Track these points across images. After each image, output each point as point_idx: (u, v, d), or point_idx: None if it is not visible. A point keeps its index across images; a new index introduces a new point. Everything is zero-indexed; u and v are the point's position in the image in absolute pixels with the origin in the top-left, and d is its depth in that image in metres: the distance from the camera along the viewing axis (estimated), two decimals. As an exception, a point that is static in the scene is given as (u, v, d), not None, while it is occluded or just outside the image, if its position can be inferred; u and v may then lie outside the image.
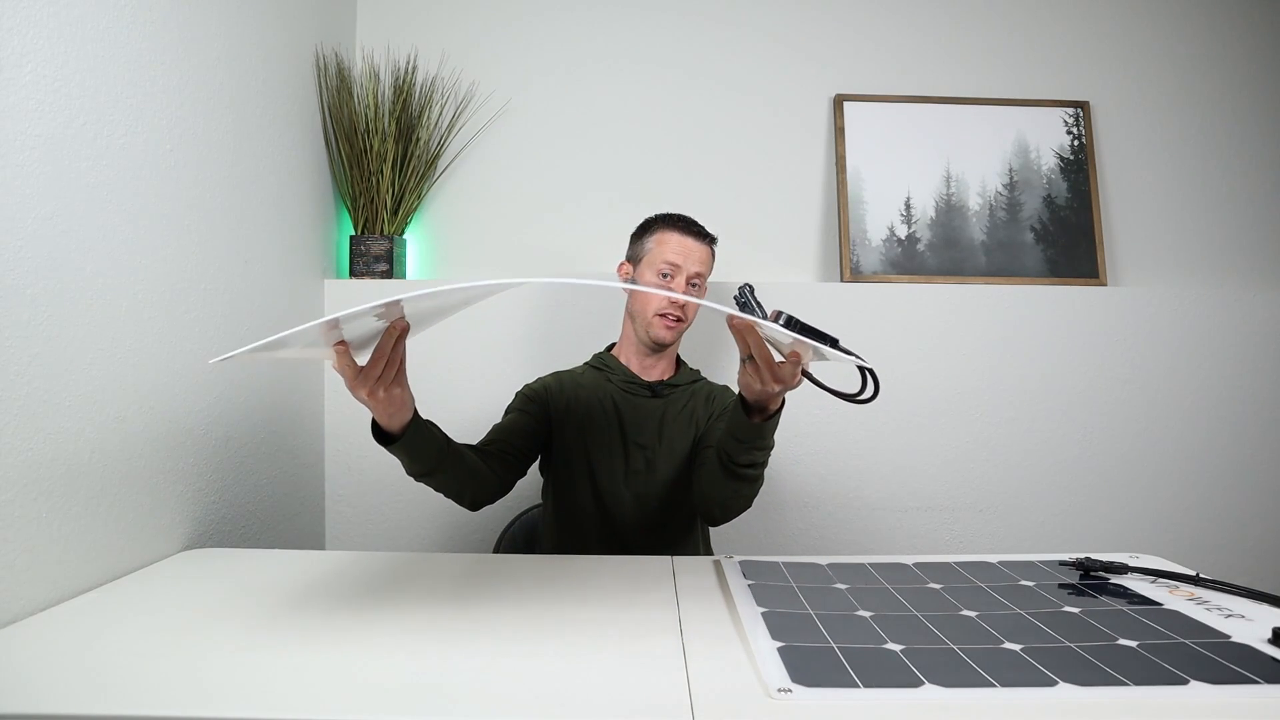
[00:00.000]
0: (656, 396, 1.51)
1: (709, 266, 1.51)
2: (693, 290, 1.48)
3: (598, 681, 0.76)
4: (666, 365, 1.56)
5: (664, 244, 1.49)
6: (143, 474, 1.18)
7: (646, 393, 1.51)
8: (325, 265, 1.86)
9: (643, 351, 1.53)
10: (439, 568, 1.14)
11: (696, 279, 1.48)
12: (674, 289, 1.45)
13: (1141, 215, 2.08)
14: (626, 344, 1.56)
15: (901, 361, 1.92)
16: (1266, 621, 0.90)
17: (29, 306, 0.96)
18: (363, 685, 0.75)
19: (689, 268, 1.47)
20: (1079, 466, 1.93)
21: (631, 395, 1.51)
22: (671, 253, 1.47)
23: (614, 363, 1.55)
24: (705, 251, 1.50)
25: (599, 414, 1.49)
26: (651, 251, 1.50)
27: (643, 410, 1.50)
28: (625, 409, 1.50)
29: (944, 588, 1.05)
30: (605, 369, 1.55)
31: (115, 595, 0.99)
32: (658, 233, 1.51)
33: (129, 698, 0.72)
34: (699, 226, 1.51)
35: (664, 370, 1.55)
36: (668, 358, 1.56)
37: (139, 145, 1.17)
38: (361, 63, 1.99)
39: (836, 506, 1.91)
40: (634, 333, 1.53)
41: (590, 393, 1.51)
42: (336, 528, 1.86)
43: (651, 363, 1.54)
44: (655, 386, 1.52)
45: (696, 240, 1.49)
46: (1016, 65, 2.09)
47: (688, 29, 2.07)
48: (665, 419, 1.49)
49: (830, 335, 0.93)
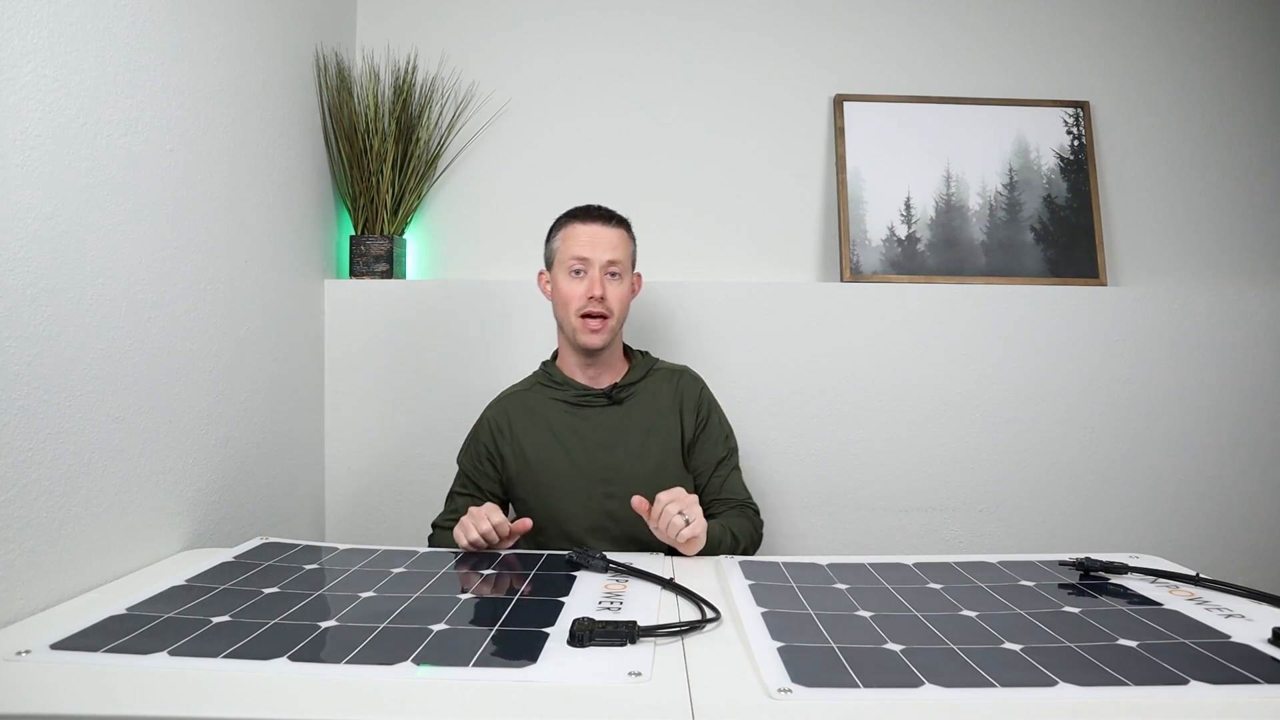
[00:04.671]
0: (614, 404, 1.42)
1: (626, 251, 1.41)
2: (611, 280, 1.38)
3: (598, 681, 0.76)
4: (618, 364, 1.46)
5: (569, 239, 1.39)
6: (143, 474, 1.18)
7: (604, 401, 1.42)
8: (325, 265, 1.86)
9: (583, 361, 1.43)
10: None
11: (613, 267, 1.38)
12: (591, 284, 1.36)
13: (1141, 215, 2.08)
14: (566, 355, 1.46)
15: (901, 361, 1.91)
16: (1266, 621, 0.90)
17: (29, 306, 0.96)
18: (363, 685, 0.75)
19: (600, 256, 1.36)
20: (1079, 466, 1.93)
21: (587, 408, 1.42)
22: (578, 245, 1.37)
23: (560, 375, 1.45)
24: (616, 235, 1.39)
25: (551, 451, 1.40)
26: (559, 250, 1.41)
27: (601, 425, 1.41)
28: (582, 429, 1.41)
29: (944, 588, 1.05)
30: (553, 385, 1.45)
31: (115, 595, 0.99)
32: (562, 229, 1.42)
33: (129, 698, 0.72)
34: (604, 211, 1.41)
35: (617, 370, 1.46)
36: (613, 358, 1.45)
37: (139, 145, 1.17)
38: (361, 63, 1.99)
39: (836, 506, 1.91)
40: (567, 342, 1.43)
41: (540, 422, 1.42)
42: (336, 528, 1.86)
43: (596, 371, 1.44)
44: (610, 393, 1.42)
45: (602, 225, 1.39)
46: (1016, 65, 2.09)
47: (687, 29, 2.07)
48: (628, 427, 1.41)
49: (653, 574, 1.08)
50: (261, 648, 0.82)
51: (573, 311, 1.37)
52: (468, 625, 0.90)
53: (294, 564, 1.14)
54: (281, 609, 0.94)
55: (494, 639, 0.85)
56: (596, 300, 1.36)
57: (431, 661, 0.79)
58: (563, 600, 0.98)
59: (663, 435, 1.43)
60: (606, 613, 0.93)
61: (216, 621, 0.89)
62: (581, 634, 0.83)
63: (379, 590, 1.02)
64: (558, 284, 1.40)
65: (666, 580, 1.05)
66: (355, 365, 1.86)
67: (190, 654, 0.80)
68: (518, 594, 1.01)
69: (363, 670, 0.77)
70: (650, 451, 1.41)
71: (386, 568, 1.12)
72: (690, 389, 1.47)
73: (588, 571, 1.10)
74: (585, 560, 1.11)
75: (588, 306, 1.36)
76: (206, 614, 0.92)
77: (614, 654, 0.81)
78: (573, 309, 1.37)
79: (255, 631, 0.86)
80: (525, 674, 0.76)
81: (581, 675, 0.76)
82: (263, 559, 1.16)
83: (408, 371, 1.87)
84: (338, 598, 0.99)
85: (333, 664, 0.78)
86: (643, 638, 0.84)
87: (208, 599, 0.98)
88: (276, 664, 0.78)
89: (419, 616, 0.92)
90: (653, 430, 1.42)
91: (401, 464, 1.87)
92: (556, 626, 0.88)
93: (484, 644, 0.83)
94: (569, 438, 1.41)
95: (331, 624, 0.89)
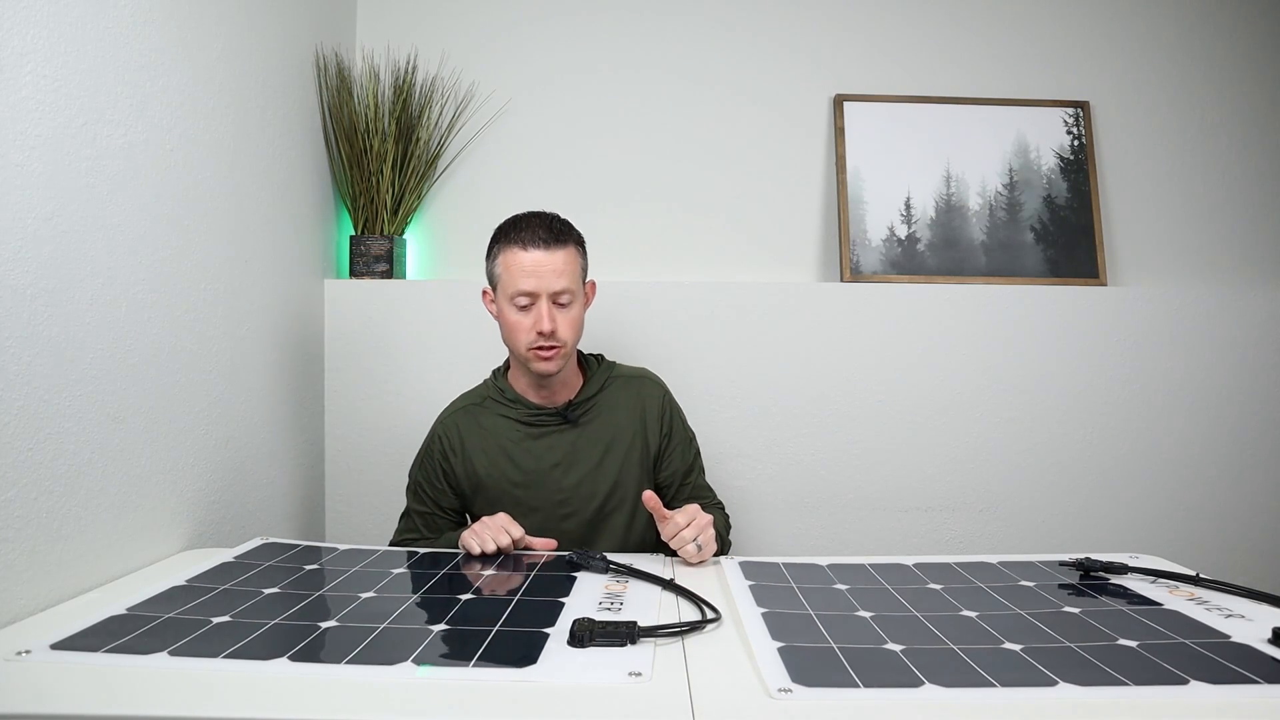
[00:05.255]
0: (569, 424, 1.36)
1: (575, 272, 1.29)
2: (561, 310, 1.27)
3: (599, 681, 0.76)
4: (573, 380, 1.38)
5: (511, 267, 1.27)
6: (143, 474, 1.18)
7: (556, 421, 1.35)
8: (325, 265, 1.86)
9: (534, 381, 1.35)
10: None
11: (562, 296, 1.27)
12: (539, 318, 1.26)
13: (1141, 215, 2.08)
14: (517, 373, 1.37)
15: (901, 361, 1.91)
16: (1266, 621, 0.90)
17: (29, 306, 0.96)
18: (363, 685, 0.75)
19: (547, 286, 1.25)
20: (1079, 466, 1.93)
21: (540, 428, 1.35)
22: (521, 277, 1.25)
23: (511, 392, 1.37)
24: (561, 258, 1.26)
25: (502, 471, 1.35)
26: (502, 279, 1.28)
27: (555, 446, 1.35)
28: (536, 449, 1.34)
29: (944, 588, 1.05)
30: (504, 402, 1.37)
31: (115, 595, 0.99)
32: (502, 253, 1.29)
33: (130, 698, 0.72)
34: (547, 230, 1.27)
35: (571, 386, 1.38)
36: (567, 374, 1.36)
37: (139, 145, 1.17)
38: (361, 63, 1.99)
39: (836, 506, 1.91)
40: (517, 362, 1.35)
41: (491, 441, 1.35)
42: (336, 528, 1.86)
43: (549, 391, 1.36)
44: (565, 412, 1.35)
45: (545, 250, 1.25)
46: (1016, 65, 2.09)
47: (688, 29, 2.07)
48: (584, 447, 1.35)
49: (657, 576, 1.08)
50: (262, 648, 0.82)
51: (523, 345, 1.28)
52: (468, 626, 0.90)
53: (294, 564, 1.14)
54: (282, 609, 0.94)
55: (494, 639, 0.85)
56: (546, 335, 1.26)
57: (432, 662, 0.79)
58: (563, 601, 0.98)
59: (623, 450, 1.37)
60: (607, 613, 0.93)
61: (217, 621, 0.89)
62: (582, 634, 0.83)
63: (379, 591, 1.02)
64: (503, 312, 1.30)
65: (667, 581, 1.06)
66: (355, 365, 1.86)
67: (191, 654, 0.80)
68: (518, 594, 1.01)
69: (363, 670, 0.77)
70: (608, 470, 1.36)
71: (386, 568, 1.13)
72: (651, 398, 1.41)
73: (588, 572, 1.11)
74: (585, 561, 1.12)
75: (537, 342, 1.27)
76: (207, 614, 0.92)
77: (614, 654, 0.81)
78: (522, 343, 1.28)
79: (256, 632, 0.86)
80: (526, 674, 0.76)
81: (582, 675, 0.76)
82: (263, 559, 1.16)
83: (408, 371, 1.87)
84: (338, 598, 0.99)
85: (333, 664, 0.78)
86: (643, 638, 0.85)
87: (208, 599, 0.98)
88: (277, 664, 0.78)
89: (419, 617, 0.92)
90: (612, 447, 1.37)
91: (402, 464, 1.85)
92: (557, 627, 0.89)
93: (484, 644, 0.84)
94: (523, 458, 1.35)
95: (332, 624, 0.89)
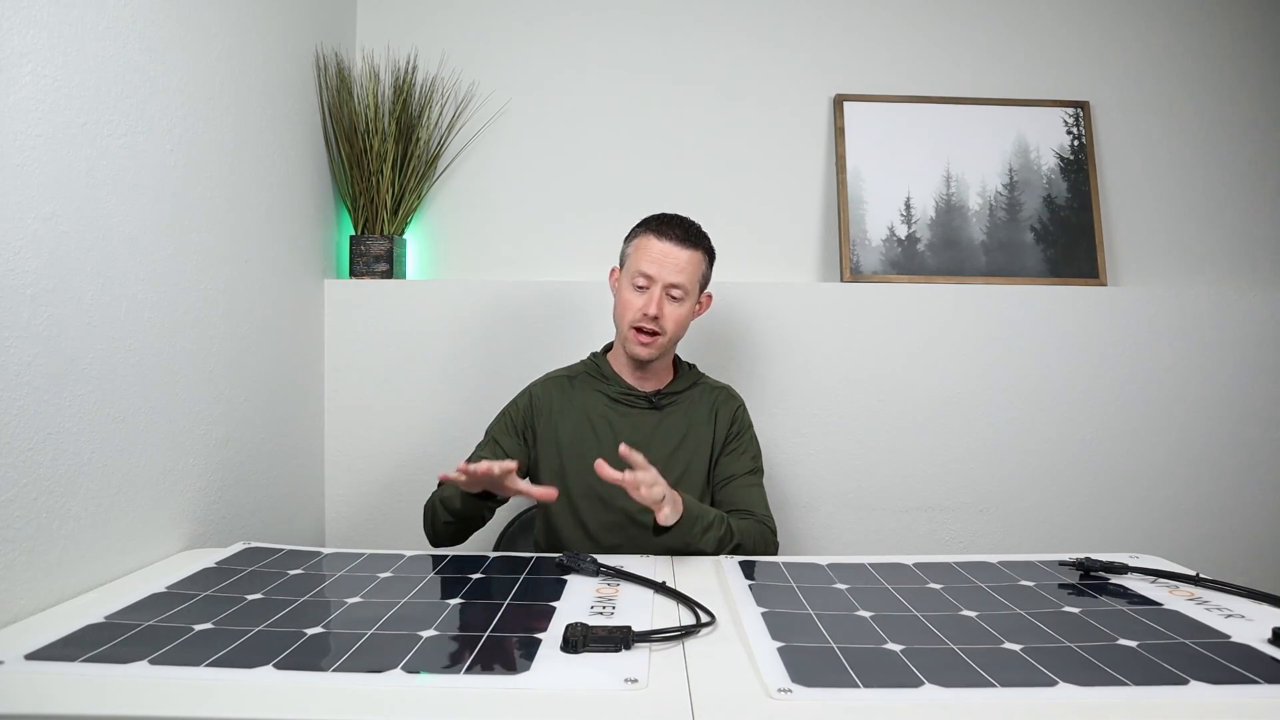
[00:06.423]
0: (654, 408, 1.44)
1: (694, 274, 1.38)
2: (671, 302, 1.36)
3: (594, 687, 0.76)
4: (664, 373, 1.48)
5: (641, 250, 1.37)
6: (143, 474, 1.18)
7: (644, 404, 1.44)
8: (325, 265, 1.86)
9: (631, 364, 1.44)
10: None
11: (675, 290, 1.36)
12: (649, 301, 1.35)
13: (1141, 215, 2.08)
14: (618, 353, 1.47)
15: (901, 361, 1.91)
16: (1266, 621, 0.90)
17: (29, 306, 0.96)
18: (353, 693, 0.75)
19: (665, 277, 1.35)
20: (1079, 466, 1.93)
21: (628, 407, 1.43)
22: (646, 261, 1.36)
23: (609, 370, 1.47)
24: (687, 257, 1.36)
25: (584, 440, 1.41)
26: (630, 258, 1.40)
27: (638, 425, 1.42)
28: (619, 425, 1.41)
29: (944, 588, 1.05)
30: (599, 377, 1.46)
31: (115, 595, 0.99)
32: (638, 237, 1.40)
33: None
34: (682, 229, 1.37)
35: (662, 378, 1.47)
36: (660, 367, 1.46)
37: (139, 145, 1.17)
38: (361, 63, 1.99)
39: (836, 506, 1.91)
40: (620, 343, 1.44)
41: (579, 410, 1.43)
42: (336, 528, 1.86)
43: (643, 376, 1.45)
44: (653, 397, 1.44)
45: (676, 245, 1.36)
46: (1016, 65, 2.09)
47: (688, 29, 2.07)
48: (663, 433, 1.42)
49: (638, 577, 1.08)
50: (246, 655, 0.80)
51: (627, 322, 1.37)
52: (458, 631, 0.88)
53: (278, 569, 1.12)
54: (266, 615, 0.92)
55: (485, 645, 0.84)
56: (650, 318, 1.35)
57: (423, 668, 0.77)
58: (554, 605, 0.97)
59: (694, 446, 1.44)
60: (599, 617, 0.92)
61: (199, 629, 0.87)
62: (575, 640, 0.82)
63: (366, 595, 1.00)
64: (621, 290, 1.41)
65: (659, 584, 1.05)
66: (355, 365, 1.86)
67: (172, 663, 0.78)
68: (508, 598, 1.00)
69: (352, 678, 0.75)
70: (678, 461, 1.42)
71: (373, 572, 1.11)
72: (727, 405, 1.48)
73: (578, 575, 1.10)
74: (576, 564, 1.11)
75: (641, 321, 1.36)
76: (188, 621, 0.89)
77: (609, 660, 0.80)
78: (627, 320, 1.37)
79: (240, 639, 0.84)
80: (519, 681, 0.75)
81: (577, 682, 0.76)
82: (246, 564, 1.13)
83: (407, 371, 1.87)
84: (324, 603, 0.97)
85: (320, 671, 0.77)
86: (637, 643, 0.84)
87: (189, 606, 0.95)
88: (262, 672, 0.76)
89: (408, 622, 0.90)
90: (686, 440, 1.43)
91: (402, 463, 1.87)
92: (549, 632, 0.87)
93: (476, 650, 0.82)
94: (604, 431, 1.41)
95: (318, 630, 0.88)
